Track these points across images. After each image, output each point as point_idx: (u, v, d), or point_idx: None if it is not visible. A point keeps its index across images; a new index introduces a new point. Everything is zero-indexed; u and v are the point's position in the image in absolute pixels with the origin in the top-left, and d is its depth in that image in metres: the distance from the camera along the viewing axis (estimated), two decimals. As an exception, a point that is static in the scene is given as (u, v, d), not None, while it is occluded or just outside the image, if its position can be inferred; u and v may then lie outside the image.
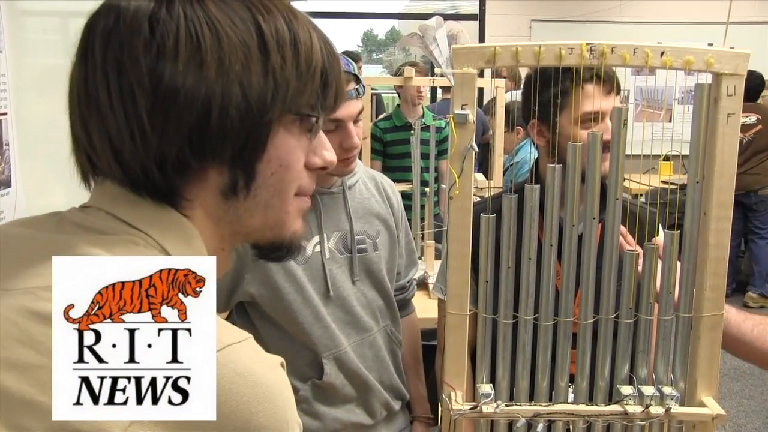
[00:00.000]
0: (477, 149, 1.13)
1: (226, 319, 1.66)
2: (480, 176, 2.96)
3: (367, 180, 1.65)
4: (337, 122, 1.44)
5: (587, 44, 1.17)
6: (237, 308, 1.58)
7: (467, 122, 1.14)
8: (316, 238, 1.52)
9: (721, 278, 1.21)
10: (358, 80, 1.46)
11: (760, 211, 5.20)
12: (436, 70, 1.10)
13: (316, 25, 0.67)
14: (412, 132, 3.23)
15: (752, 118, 5.09)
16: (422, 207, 3.09)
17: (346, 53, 5.75)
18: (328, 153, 0.69)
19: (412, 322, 1.81)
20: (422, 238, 3.01)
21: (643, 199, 5.43)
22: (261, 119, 0.61)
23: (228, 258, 0.68)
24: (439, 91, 4.01)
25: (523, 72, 4.56)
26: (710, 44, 4.98)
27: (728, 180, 1.19)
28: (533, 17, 6.32)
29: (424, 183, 3.16)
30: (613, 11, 6.41)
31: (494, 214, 1.21)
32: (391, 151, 3.75)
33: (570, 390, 1.26)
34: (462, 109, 1.14)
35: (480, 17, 6.48)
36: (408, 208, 3.14)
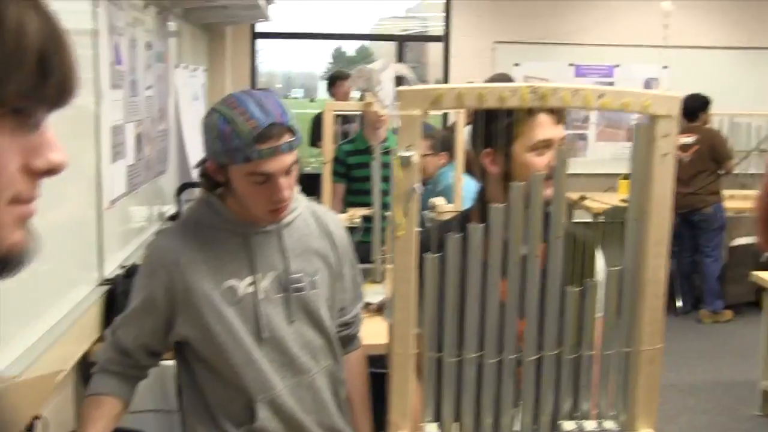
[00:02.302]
0: (421, 190, 1.15)
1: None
2: (440, 200, 3.00)
3: (307, 216, 1.63)
4: (265, 175, 1.43)
5: (528, 87, 1.20)
6: (176, 350, 1.57)
7: (412, 163, 1.16)
8: (249, 279, 1.51)
9: (658, 312, 1.25)
10: (293, 132, 1.45)
11: (703, 228, 5.33)
12: (380, 109, 1.12)
13: (43, 2, 0.55)
14: (374, 156, 3.26)
15: (691, 139, 5.26)
16: (384, 230, 3.11)
17: (338, 72, 5.74)
18: (55, 154, 0.56)
19: (357, 358, 1.78)
20: (383, 261, 3.03)
21: (602, 218, 5.54)
22: None
23: None
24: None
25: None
26: (665, 67, 5.07)
27: (663, 218, 1.23)
28: (496, 39, 6.41)
29: (387, 206, 3.19)
30: (575, 34, 6.53)
31: (439, 254, 1.23)
32: (354, 174, 3.77)
33: (516, 421, 1.28)
34: (407, 150, 1.16)
35: (445, 38, 6.56)
36: (370, 232, 3.18)
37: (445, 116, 5.63)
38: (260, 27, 6.08)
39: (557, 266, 1.25)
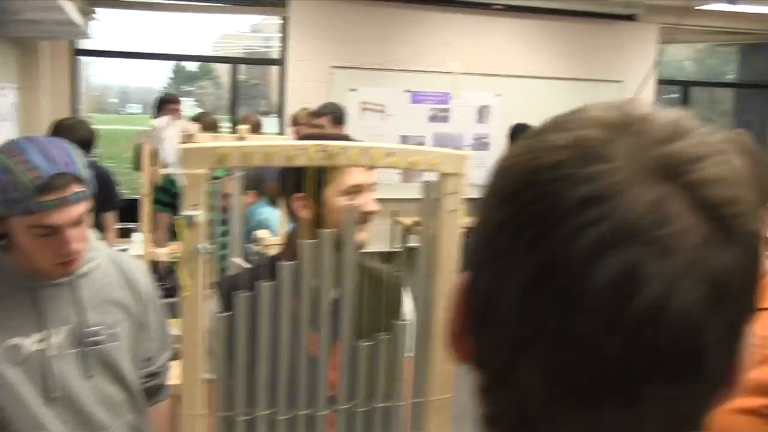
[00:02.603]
0: (207, 251, 1.12)
1: None
2: (264, 233, 2.96)
3: (107, 265, 1.55)
4: (50, 228, 1.34)
5: (317, 146, 1.21)
6: None
7: (197, 224, 1.13)
8: (37, 335, 1.41)
9: (447, 363, 1.29)
10: (83, 182, 1.38)
11: None
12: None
13: None
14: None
15: None
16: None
17: (167, 96, 5.46)
18: None
19: (165, 408, 1.72)
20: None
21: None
22: None
23: None
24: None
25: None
26: (499, 95, 5.32)
27: (450, 273, 1.28)
28: (333, 64, 6.48)
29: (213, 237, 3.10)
30: (411, 60, 6.73)
31: (229, 312, 1.21)
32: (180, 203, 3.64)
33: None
34: (192, 209, 1.13)
35: (282, 62, 6.54)
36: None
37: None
38: (85, 43, 5.75)
39: (349, 318, 1.26)
